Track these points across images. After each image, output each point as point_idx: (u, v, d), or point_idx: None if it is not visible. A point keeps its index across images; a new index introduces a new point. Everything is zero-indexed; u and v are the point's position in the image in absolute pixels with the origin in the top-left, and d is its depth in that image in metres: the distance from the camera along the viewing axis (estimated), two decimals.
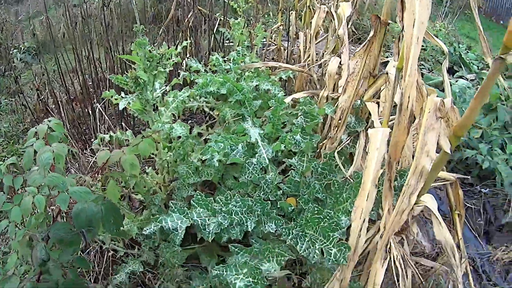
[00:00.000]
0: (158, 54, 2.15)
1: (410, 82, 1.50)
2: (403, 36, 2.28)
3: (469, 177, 2.64)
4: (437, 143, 1.59)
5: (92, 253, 2.41)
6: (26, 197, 1.74)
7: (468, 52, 5.36)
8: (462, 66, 4.97)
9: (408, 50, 1.53)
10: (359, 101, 2.39)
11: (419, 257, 2.58)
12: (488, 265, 3.07)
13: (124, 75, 2.13)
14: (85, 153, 3.09)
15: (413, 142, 2.03)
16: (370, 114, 2.21)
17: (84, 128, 3.57)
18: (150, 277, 2.37)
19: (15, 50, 5.13)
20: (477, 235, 3.27)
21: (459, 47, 5.31)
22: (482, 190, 3.41)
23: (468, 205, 3.35)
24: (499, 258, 3.09)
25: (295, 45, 3.93)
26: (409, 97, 1.50)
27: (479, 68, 4.97)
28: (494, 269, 3.05)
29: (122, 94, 2.19)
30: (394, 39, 2.31)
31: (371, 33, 2.17)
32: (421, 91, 1.89)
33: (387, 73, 2.16)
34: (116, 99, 2.15)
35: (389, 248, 1.72)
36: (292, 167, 2.28)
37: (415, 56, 1.52)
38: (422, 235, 2.84)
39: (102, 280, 2.35)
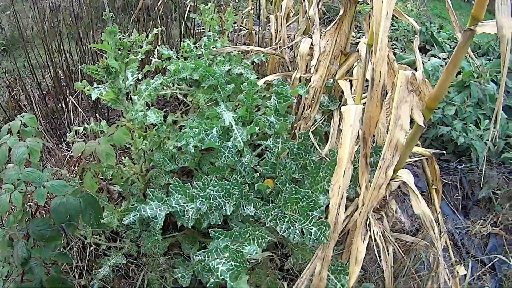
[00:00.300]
0: (129, 41, 2.11)
1: (381, 56, 1.50)
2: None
3: (444, 152, 2.68)
4: (411, 117, 1.61)
5: (74, 249, 2.38)
6: (3, 195, 1.70)
7: (440, 31, 5.40)
8: (435, 45, 5.01)
9: (378, 25, 1.53)
10: (331, 80, 2.39)
11: (399, 233, 2.62)
12: (467, 239, 3.13)
13: (96, 64, 2.09)
14: (60, 148, 3.04)
15: (387, 117, 2.05)
16: (343, 92, 2.22)
17: (58, 122, 3.51)
18: (133, 269, 2.36)
19: None
20: (455, 210, 3.33)
21: (431, 26, 5.35)
22: (458, 166, 3.46)
23: (445, 181, 3.40)
24: (477, 231, 3.16)
25: (267, 28, 3.91)
26: (380, 72, 1.51)
27: (452, 47, 5.02)
28: (473, 242, 3.11)
29: (95, 84, 2.16)
30: (365, 20, 2.33)
31: (341, 11, 2.17)
32: (393, 67, 1.90)
33: (358, 51, 2.17)
34: (88, 90, 2.11)
35: (369, 224, 1.73)
36: (267, 149, 2.28)
37: (385, 30, 1.53)
38: (400, 212, 2.88)
39: (86, 276, 2.32)
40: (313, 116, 2.28)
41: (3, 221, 1.96)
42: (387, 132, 2.07)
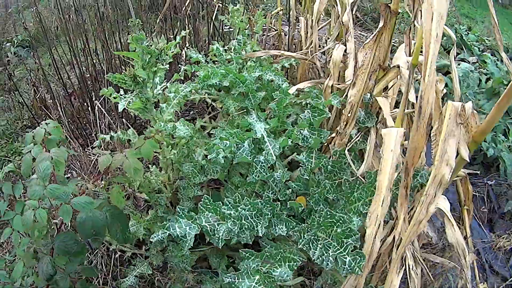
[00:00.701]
0: (157, 49, 2.03)
1: (430, 83, 1.42)
2: (414, 26, 2.21)
3: (478, 172, 2.62)
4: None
5: (99, 255, 2.37)
6: (27, 211, 1.68)
7: (468, 33, 5.27)
8: (464, 48, 4.88)
9: (427, 47, 1.44)
10: (368, 94, 2.30)
11: (427, 249, 2.57)
12: (491, 254, 3.08)
13: (122, 73, 2.02)
14: (86, 151, 3.00)
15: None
16: (380, 108, 2.14)
17: (84, 122, 3.47)
18: (159, 279, 2.33)
19: (8, 44, 4.97)
20: (480, 223, 3.27)
21: (460, 28, 5.22)
22: (488, 182, 3.39)
23: (473, 193, 3.33)
24: (502, 246, 3.10)
25: (296, 30, 3.81)
26: (428, 100, 1.43)
27: (480, 50, 4.90)
28: (497, 257, 3.06)
29: (121, 91, 2.09)
30: (405, 34, 2.25)
31: (381, 23, 2.06)
32: (436, 89, 1.81)
33: (398, 67, 2.07)
34: (115, 98, 2.05)
35: (405, 257, 1.68)
36: (300, 164, 2.21)
37: (435, 54, 1.44)
38: (428, 225, 2.83)
39: (111, 282, 2.31)
40: (349, 132, 2.19)
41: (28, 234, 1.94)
42: (425, 155, 2.01)
